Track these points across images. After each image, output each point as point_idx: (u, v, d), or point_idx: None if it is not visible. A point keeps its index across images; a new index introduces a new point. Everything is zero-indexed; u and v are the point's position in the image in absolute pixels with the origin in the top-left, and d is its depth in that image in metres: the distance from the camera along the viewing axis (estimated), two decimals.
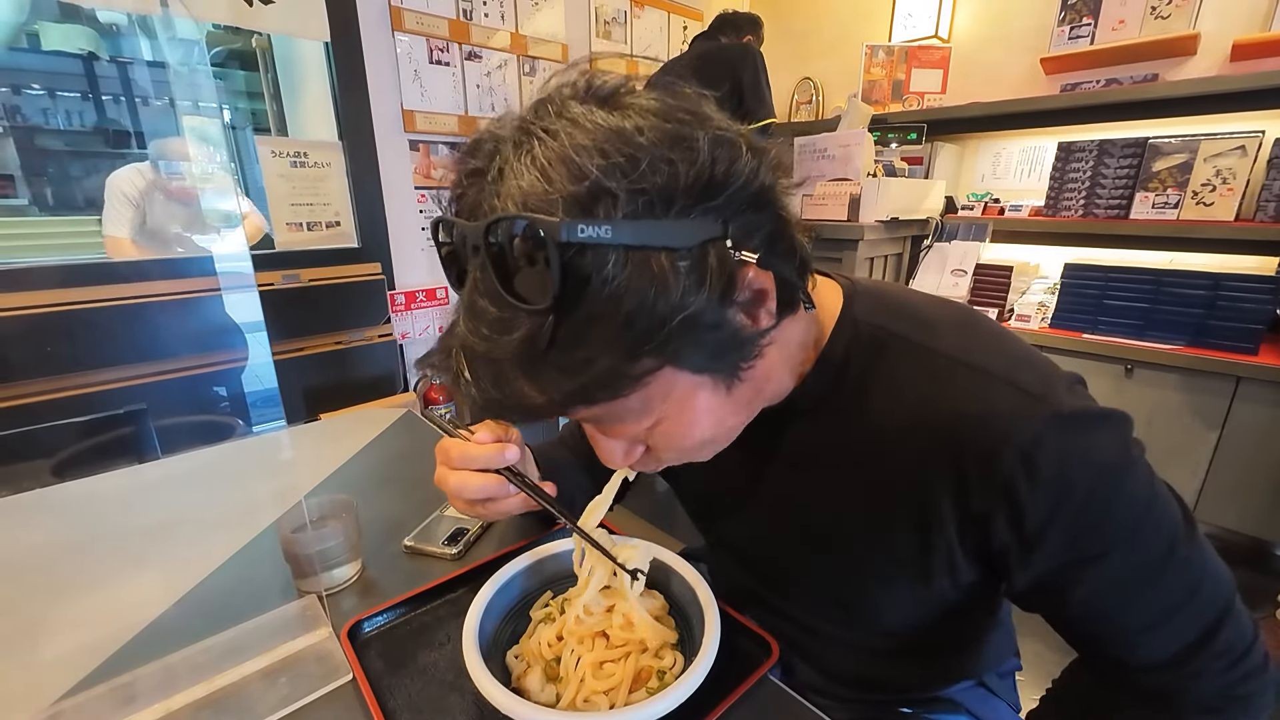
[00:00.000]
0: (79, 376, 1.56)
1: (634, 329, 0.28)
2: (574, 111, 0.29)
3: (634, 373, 0.30)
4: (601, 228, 0.27)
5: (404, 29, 2.04)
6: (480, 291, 0.29)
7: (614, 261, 0.27)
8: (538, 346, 0.28)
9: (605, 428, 0.36)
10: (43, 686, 0.48)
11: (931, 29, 2.41)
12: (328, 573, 0.58)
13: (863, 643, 0.54)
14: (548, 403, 0.30)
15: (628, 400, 0.32)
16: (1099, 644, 0.42)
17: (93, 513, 0.78)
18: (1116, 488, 0.37)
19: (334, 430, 1.06)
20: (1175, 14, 1.84)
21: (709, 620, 0.45)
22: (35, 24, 2.40)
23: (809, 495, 0.47)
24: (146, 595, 0.59)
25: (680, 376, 0.33)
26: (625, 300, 0.28)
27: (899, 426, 0.40)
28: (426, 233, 2.29)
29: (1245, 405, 1.56)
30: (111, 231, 1.86)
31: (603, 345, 0.28)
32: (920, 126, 2.20)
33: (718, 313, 0.31)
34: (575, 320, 0.28)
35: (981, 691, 0.59)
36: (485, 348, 0.29)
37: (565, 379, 0.29)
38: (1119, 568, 0.38)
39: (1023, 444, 0.35)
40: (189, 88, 2.04)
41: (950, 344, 0.41)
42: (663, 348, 0.29)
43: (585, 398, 0.30)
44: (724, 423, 0.38)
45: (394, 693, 0.45)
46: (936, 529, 0.40)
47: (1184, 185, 1.78)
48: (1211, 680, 0.40)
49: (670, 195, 0.28)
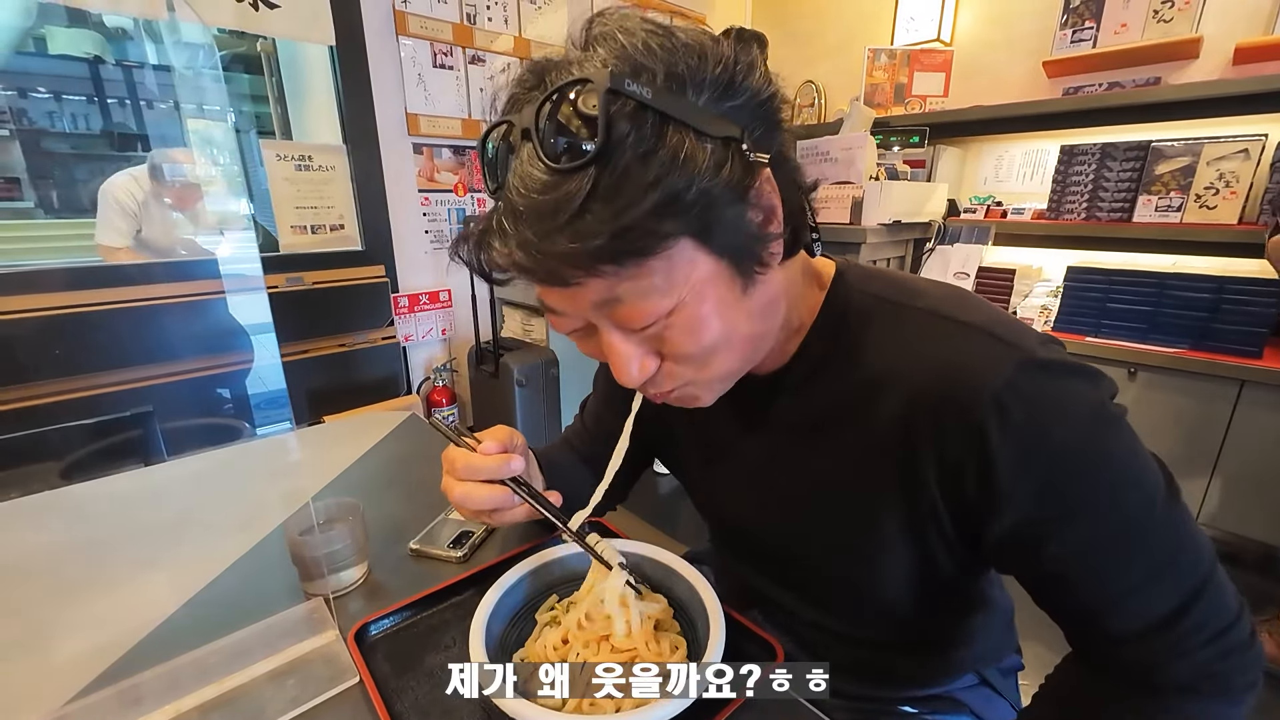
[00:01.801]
0: (85, 379, 1.57)
1: (662, 187, 0.31)
2: (622, 20, 0.34)
3: (659, 230, 0.32)
4: (643, 89, 0.31)
5: (408, 33, 2.06)
6: (530, 163, 0.32)
7: (650, 124, 0.31)
8: (578, 197, 0.30)
9: (625, 309, 0.35)
10: (52, 688, 0.48)
11: (934, 32, 2.41)
12: (335, 575, 0.58)
13: (863, 634, 0.55)
14: (579, 251, 0.31)
15: (653, 269, 0.33)
16: (1073, 611, 0.42)
17: (101, 515, 0.78)
18: (1090, 441, 0.37)
19: (338, 433, 1.07)
20: (1178, 17, 1.84)
21: (713, 623, 0.45)
22: (42, 28, 2.41)
23: (809, 465, 0.48)
24: (155, 597, 0.59)
25: (701, 256, 0.34)
26: (656, 160, 0.31)
27: (884, 383, 0.42)
28: (430, 235, 2.30)
29: (1249, 409, 1.56)
30: (105, 240, 1.82)
31: (635, 198, 0.31)
32: (923, 129, 2.20)
33: (736, 199, 0.34)
34: (611, 172, 0.30)
35: (985, 691, 0.60)
36: (529, 203, 0.32)
37: (600, 229, 0.31)
38: (1092, 527, 0.38)
39: (994, 388, 0.37)
40: (194, 91, 2.05)
41: (932, 302, 0.43)
42: (686, 212, 0.32)
43: (612, 251, 0.31)
44: (737, 328, 0.38)
45: (401, 695, 0.46)
46: (924, 483, 0.41)
47: (1187, 188, 1.78)
48: (1189, 655, 0.39)
49: (700, 84, 0.33)
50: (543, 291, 0.37)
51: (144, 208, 1.86)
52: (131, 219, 1.85)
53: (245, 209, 2.02)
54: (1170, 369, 1.66)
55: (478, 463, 0.48)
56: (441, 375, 2.38)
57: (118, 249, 1.83)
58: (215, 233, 1.99)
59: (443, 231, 2.33)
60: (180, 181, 1.87)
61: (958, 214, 2.29)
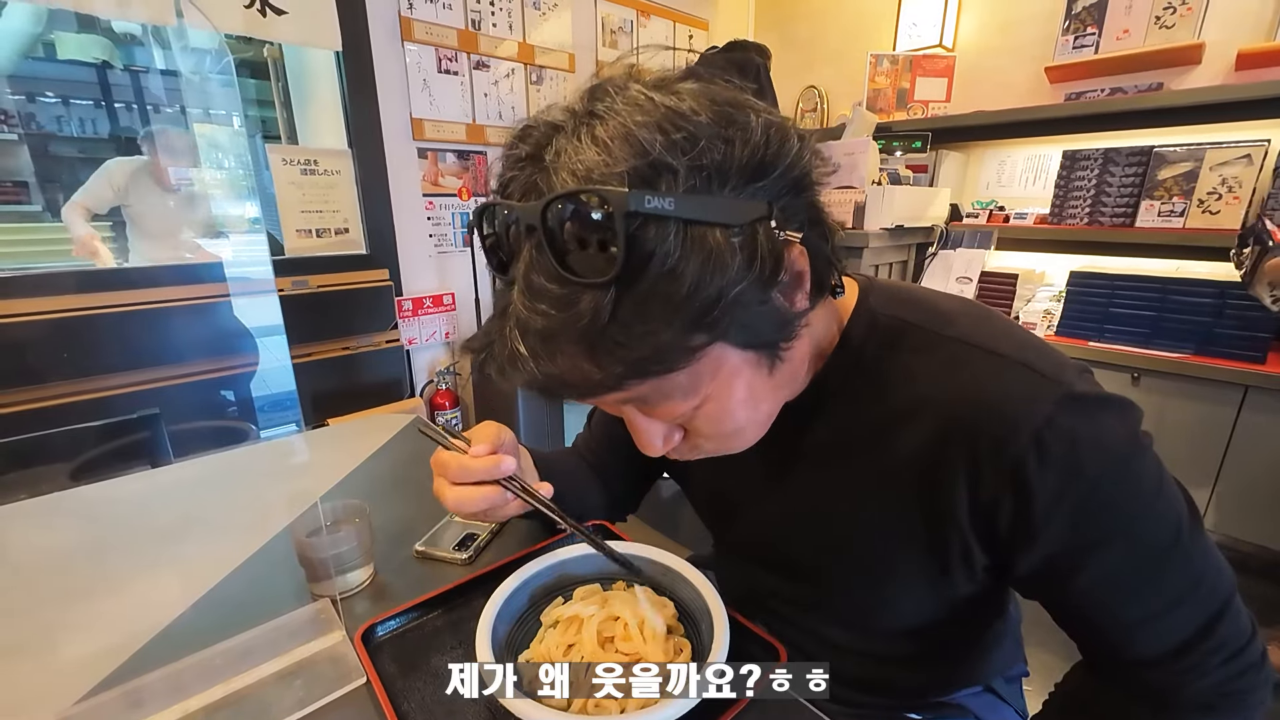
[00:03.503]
0: (92, 381, 1.58)
1: (691, 304, 0.28)
2: (631, 93, 0.31)
3: (689, 346, 0.30)
4: (665, 200, 0.27)
5: (413, 39, 2.07)
6: (538, 270, 0.29)
7: (674, 235, 0.28)
8: (599, 321, 0.28)
9: (651, 408, 0.35)
10: (61, 689, 0.48)
11: (936, 38, 2.42)
12: (342, 577, 0.58)
13: (872, 648, 0.54)
14: (605, 376, 0.30)
15: (678, 376, 0.32)
16: (1098, 635, 0.42)
17: (109, 516, 0.79)
18: (1124, 473, 0.37)
19: (343, 436, 1.07)
20: (1180, 24, 1.85)
21: (717, 625, 0.45)
22: (51, 34, 2.44)
23: (826, 491, 0.47)
24: (163, 598, 0.60)
25: (729, 353, 0.33)
26: (684, 275, 0.28)
27: (913, 412, 0.41)
28: (434, 239, 2.31)
29: (1253, 414, 1.56)
30: (76, 198, 1.86)
31: (661, 319, 0.29)
32: (925, 135, 2.21)
33: (765, 291, 0.32)
34: (636, 295, 0.28)
35: (989, 698, 0.59)
36: (543, 324, 0.29)
37: (623, 352, 0.29)
38: (1122, 556, 0.38)
39: (1034, 424, 0.36)
40: (201, 96, 2.07)
41: (963, 330, 0.41)
42: (717, 323, 0.30)
43: (640, 371, 0.30)
44: (761, 406, 0.39)
45: (408, 696, 0.46)
46: (951, 516, 0.40)
47: (1189, 194, 1.78)
48: (1208, 675, 0.40)
49: (725, 173, 0.30)
50: None
51: (131, 181, 1.90)
52: (113, 191, 1.89)
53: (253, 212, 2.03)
54: (1174, 374, 1.66)
55: (469, 464, 0.47)
56: (445, 379, 2.39)
57: (77, 205, 1.85)
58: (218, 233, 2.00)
59: (446, 235, 2.34)
60: (177, 153, 1.89)
61: (960, 219, 2.29)
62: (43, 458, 0.96)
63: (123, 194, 1.92)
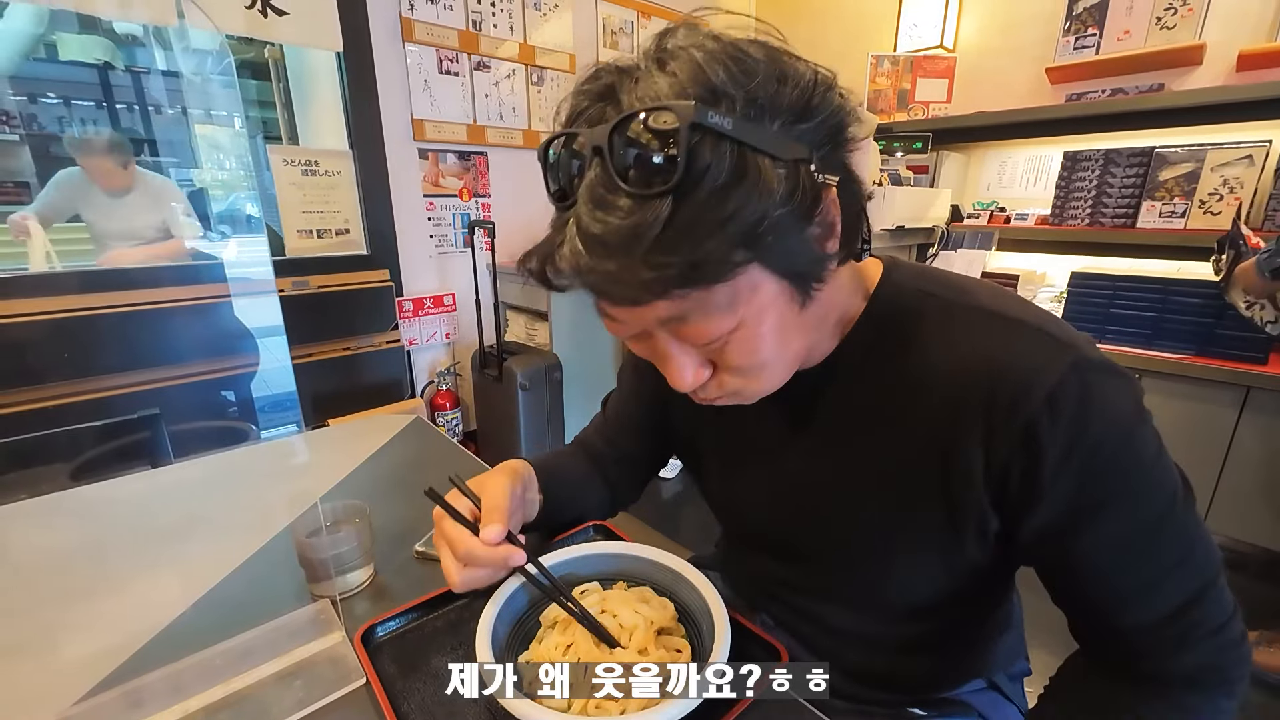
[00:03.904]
0: (94, 381, 1.58)
1: (738, 220, 0.31)
2: (698, 37, 0.34)
3: (732, 259, 0.33)
4: (724, 119, 0.31)
5: (414, 40, 2.07)
6: (603, 184, 0.32)
7: (728, 155, 0.31)
8: (655, 229, 0.31)
9: (690, 328, 0.36)
10: (61, 689, 0.48)
11: (937, 39, 2.42)
12: (342, 577, 0.58)
13: (879, 633, 0.55)
14: (654, 280, 0.32)
15: (719, 293, 0.34)
16: (1091, 603, 0.44)
17: (109, 516, 0.79)
18: (1128, 437, 0.39)
19: (343, 436, 1.07)
20: (1181, 24, 1.85)
21: (718, 626, 0.45)
22: (53, 34, 2.44)
23: (844, 463, 0.49)
24: (163, 598, 0.60)
25: (765, 279, 0.36)
26: (734, 193, 0.31)
27: (933, 376, 0.43)
28: (435, 240, 2.31)
29: (1255, 415, 1.55)
30: (33, 209, 1.81)
31: (710, 230, 0.31)
32: (926, 136, 2.21)
33: (802, 225, 0.35)
34: (690, 205, 0.31)
35: (993, 695, 0.60)
36: (603, 230, 0.32)
37: (674, 258, 0.31)
38: (1120, 520, 0.40)
39: (1049, 385, 0.38)
40: (202, 96, 2.07)
41: (982, 300, 0.44)
42: (758, 242, 0.33)
43: (686, 279, 0.32)
44: (789, 344, 0.40)
45: (407, 696, 0.46)
46: (968, 477, 0.42)
47: (1191, 194, 1.78)
48: (1193, 648, 0.41)
49: (776, 109, 0.33)
50: (607, 305, 0.37)
51: (78, 191, 1.85)
52: (64, 198, 1.85)
53: (254, 212, 2.03)
54: (1175, 375, 1.66)
55: (478, 554, 0.46)
56: (445, 379, 2.39)
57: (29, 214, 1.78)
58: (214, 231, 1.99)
59: (447, 236, 2.34)
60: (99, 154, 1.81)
61: (961, 219, 2.30)
62: (43, 458, 0.96)
63: (74, 204, 1.86)
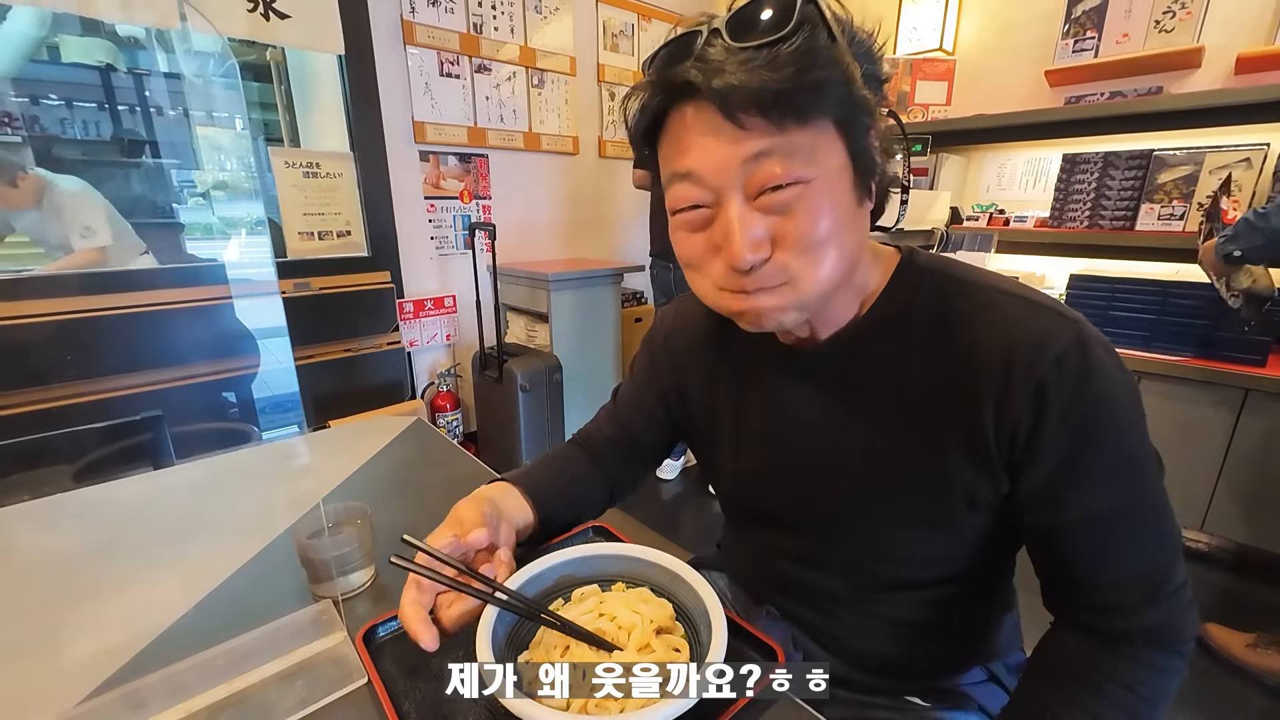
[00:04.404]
0: (96, 382, 1.59)
1: (830, 70, 0.39)
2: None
3: (819, 101, 0.39)
4: (825, 6, 0.39)
5: (415, 42, 2.08)
6: (734, 36, 0.40)
7: (827, 32, 0.39)
8: (772, 52, 0.38)
9: (773, 164, 0.40)
10: (64, 689, 0.49)
11: (936, 41, 2.43)
12: (343, 578, 0.59)
13: (886, 612, 0.56)
14: (768, 89, 0.38)
15: (803, 134, 0.40)
16: (1070, 561, 0.47)
17: (112, 517, 0.79)
18: (1121, 401, 0.44)
19: (344, 437, 1.08)
20: (1179, 28, 1.85)
21: (715, 626, 0.45)
22: (55, 37, 2.45)
23: (863, 434, 0.51)
24: (166, 599, 0.60)
25: (838, 146, 0.42)
26: (828, 53, 0.39)
27: (952, 346, 0.47)
28: (435, 241, 2.32)
29: (1253, 417, 1.56)
30: None
31: (811, 65, 0.38)
32: (925, 138, 2.22)
33: (867, 121, 0.42)
34: (797, 47, 0.38)
35: (992, 686, 0.61)
36: (738, 50, 0.39)
37: (786, 74, 0.38)
38: (1106, 482, 0.44)
39: (1058, 350, 0.43)
40: (204, 98, 2.08)
41: (996, 281, 0.49)
42: (837, 102, 0.40)
43: (788, 98, 0.39)
44: (846, 231, 0.44)
45: (408, 695, 0.47)
46: (983, 443, 0.46)
47: (1189, 197, 1.78)
48: (1158, 605, 0.45)
49: (853, 39, 0.41)
50: (701, 146, 0.41)
51: None
52: None
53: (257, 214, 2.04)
54: (1174, 377, 1.66)
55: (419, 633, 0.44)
56: (446, 380, 2.39)
57: None
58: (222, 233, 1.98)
59: (448, 237, 2.35)
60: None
61: (960, 222, 2.30)
62: (47, 459, 0.96)
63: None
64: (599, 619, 0.48)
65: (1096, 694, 0.45)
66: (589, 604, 0.50)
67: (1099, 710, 0.45)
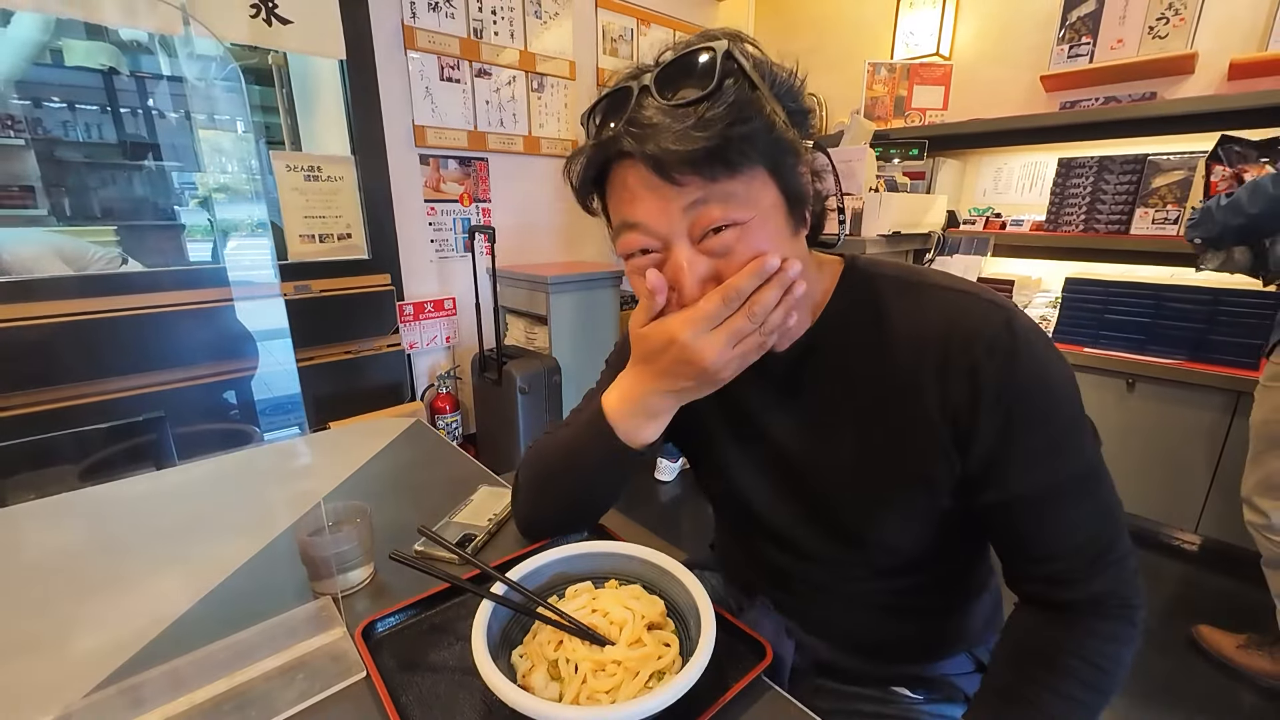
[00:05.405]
0: (100, 384, 1.60)
1: (755, 121, 0.42)
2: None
3: (748, 152, 0.42)
4: (744, 59, 0.43)
5: (416, 47, 2.10)
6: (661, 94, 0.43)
7: (746, 84, 0.42)
8: (695, 113, 0.41)
9: (711, 210, 0.43)
10: (69, 684, 0.50)
11: (933, 47, 2.45)
12: (343, 575, 0.60)
13: (866, 592, 0.59)
14: (697, 150, 0.41)
15: (736, 182, 0.43)
16: (1021, 536, 0.50)
17: (116, 517, 0.80)
18: (1050, 380, 0.47)
19: (344, 438, 1.09)
20: (1173, 34, 1.87)
21: (704, 623, 0.47)
22: (59, 41, 2.47)
23: (831, 429, 0.54)
24: (168, 596, 0.61)
25: (771, 188, 0.45)
26: (750, 105, 0.42)
27: (899, 341, 0.50)
28: (435, 244, 2.34)
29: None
30: None
31: (736, 120, 0.41)
32: (922, 142, 2.23)
33: (795, 157, 0.45)
34: (721, 103, 0.41)
35: (979, 677, 0.62)
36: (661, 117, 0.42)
37: (712, 134, 0.41)
38: (1045, 451, 0.47)
39: (990, 333, 0.47)
40: (207, 102, 2.09)
41: (933, 279, 0.53)
42: (765, 149, 0.43)
43: (715, 157, 0.41)
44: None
45: (406, 689, 0.48)
46: (934, 425, 0.48)
47: (1183, 201, 1.80)
48: (1104, 574, 0.48)
49: (773, 81, 0.44)
50: (644, 199, 0.44)
51: None
52: None
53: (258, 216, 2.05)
54: (1168, 380, 1.67)
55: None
56: (445, 382, 2.40)
57: None
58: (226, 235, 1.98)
59: (448, 240, 2.36)
60: None
61: (957, 225, 2.31)
62: (52, 459, 0.97)
63: None
64: (592, 614, 0.50)
65: (1054, 668, 0.48)
66: (582, 600, 0.51)
67: (1058, 684, 0.47)
